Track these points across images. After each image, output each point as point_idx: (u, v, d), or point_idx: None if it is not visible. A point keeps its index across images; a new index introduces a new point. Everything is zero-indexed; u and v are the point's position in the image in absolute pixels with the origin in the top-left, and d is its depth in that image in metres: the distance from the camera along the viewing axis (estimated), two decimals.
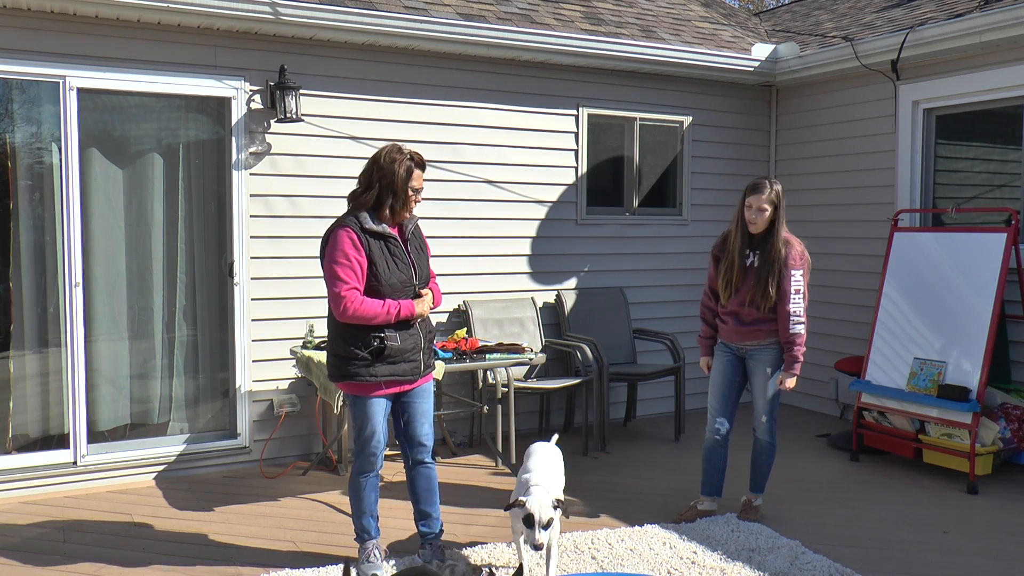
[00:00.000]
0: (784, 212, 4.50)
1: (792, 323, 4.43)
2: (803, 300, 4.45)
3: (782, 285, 4.43)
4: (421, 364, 3.86)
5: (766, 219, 4.45)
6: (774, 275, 4.43)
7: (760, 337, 4.55)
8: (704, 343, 4.83)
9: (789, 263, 4.43)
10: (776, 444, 4.71)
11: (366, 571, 3.85)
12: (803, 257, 4.49)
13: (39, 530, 4.52)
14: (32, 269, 5.17)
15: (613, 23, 6.88)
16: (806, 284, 4.48)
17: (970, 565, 4.15)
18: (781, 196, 4.48)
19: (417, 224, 3.99)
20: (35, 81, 5.04)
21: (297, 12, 5.33)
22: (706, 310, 4.79)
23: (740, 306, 4.53)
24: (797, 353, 4.46)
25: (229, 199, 5.57)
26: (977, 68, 6.05)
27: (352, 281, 3.66)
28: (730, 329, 4.62)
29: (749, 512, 4.73)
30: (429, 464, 3.98)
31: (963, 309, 5.57)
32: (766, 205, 4.43)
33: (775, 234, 4.46)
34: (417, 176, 3.82)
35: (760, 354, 4.58)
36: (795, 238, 4.53)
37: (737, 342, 4.63)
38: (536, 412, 6.65)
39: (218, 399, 5.72)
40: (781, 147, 7.62)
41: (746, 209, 4.48)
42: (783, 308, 4.43)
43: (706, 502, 4.76)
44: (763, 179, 4.50)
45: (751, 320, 4.52)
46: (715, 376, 4.72)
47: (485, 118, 6.35)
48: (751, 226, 4.48)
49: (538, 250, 6.64)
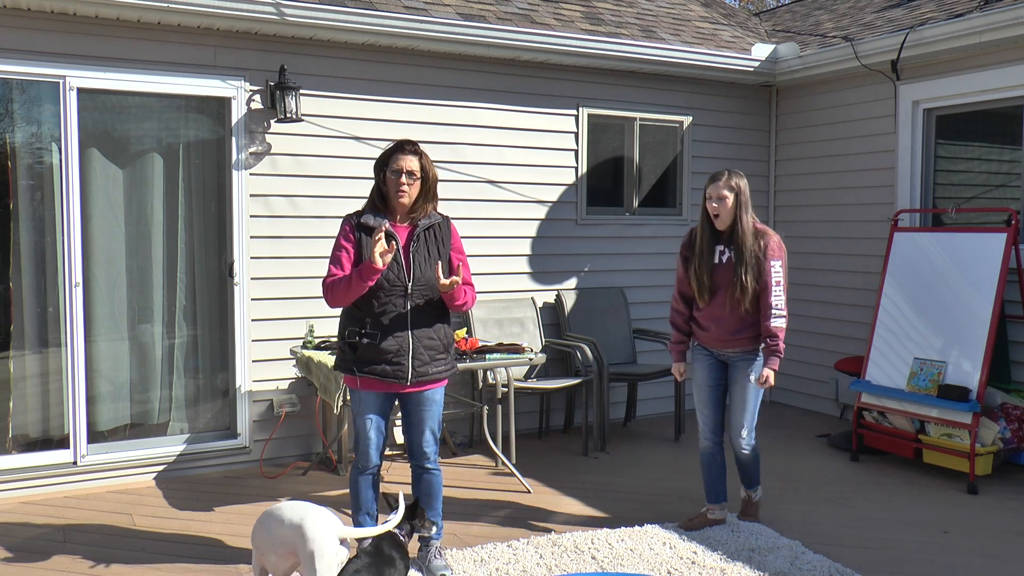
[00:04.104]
0: (747, 202, 4.32)
1: (773, 316, 4.27)
2: (783, 292, 4.31)
3: (762, 277, 4.28)
4: (409, 369, 3.75)
5: (729, 208, 4.29)
6: (749, 266, 4.26)
7: (745, 344, 4.40)
8: (676, 349, 4.64)
9: (769, 254, 4.29)
10: (758, 448, 4.61)
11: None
12: (781, 248, 4.36)
13: (39, 530, 4.52)
14: (32, 269, 5.17)
15: (613, 23, 6.89)
16: (785, 276, 4.35)
17: (970, 565, 4.15)
18: (741, 185, 4.31)
19: (438, 226, 3.85)
20: (35, 81, 5.04)
21: (297, 12, 5.33)
22: (677, 315, 4.60)
23: (722, 309, 4.36)
24: (778, 346, 4.29)
25: (229, 199, 5.57)
26: (977, 68, 6.05)
27: (336, 272, 3.74)
28: (712, 336, 4.44)
29: (750, 509, 4.68)
30: (431, 470, 3.97)
31: (963, 309, 5.57)
32: (725, 192, 4.28)
33: (739, 222, 4.29)
34: (400, 159, 3.72)
35: (743, 361, 4.42)
36: (771, 230, 4.40)
37: (719, 349, 4.47)
38: (536, 412, 6.65)
39: (218, 399, 5.72)
40: (781, 147, 7.62)
41: (707, 201, 4.34)
42: (765, 300, 4.29)
43: (715, 511, 4.60)
44: (724, 170, 4.37)
45: (734, 327, 4.36)
46: (699, 382, 4.56)
47: (485, 118, 6.35)
48: (716, 220, 4.33)
49: (538, 250, 6.64)
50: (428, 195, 3.83)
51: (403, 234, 3.79)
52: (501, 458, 5.60)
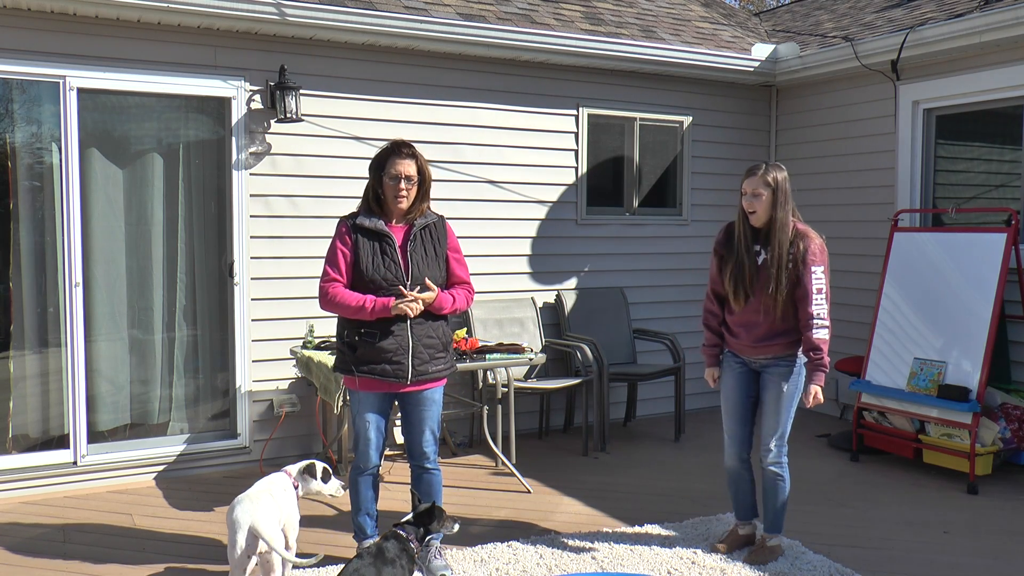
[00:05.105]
0: (786, 198, 3.92)
1: (815, 327, 3.86)
2: (826, 301, 3.88)
3: (802, 283, 3.88)
4: (409, 368, 3.76)
5: (764, 205, 3.90)
6: (784, 271, 3.88)
7: (777, 351, 4.00)
8: (710, 353, 4.24)
9: (809, 259, 3.87)
10: (788, 475, 4.12)
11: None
12: (824, 252, 3.93)
13: (39, 530, 4.52)
14: (32, 269, 5.17)
15: (613, 23, 6.89)
16: (828, 283, 3.91)
17: (970, 565, 4.15)
18: (780, 180, 3.91)
19: (435, 225, 3.87)
20: (35, 81, 5.04)
21: (298, 12, 5.33)
22: (710, 316, 4.20)
23: (755, 315, 3.96)
24: (822, 359, 3.88)
25: (229, 199, 5.57)
26: (977, 68, 6.05)
27: (332, 273, 3.77)
28: (742, 343, 4.06)
29: (762, 553, 4.13)
30: (430, 470, 3.97)
31: (963, 309, 5.57)
32: (761, 189, 3.89)
33: (774, 221, 3.90)
34: (397, 164, 3.72)
35: (775, 367, 4.03)
36: (812, 231, 3.97)
37: (751, 356, 4.08)
38: (536, 412, 6.65)
39: (218, 399, 5.72)
40: (781, 147, 7.62)
41: (742, 197, 3.98)
42: (805, 310, 3.88)
43: (746, 527, 4.29)
44: (761, 163, 4.01)
45: (765, 333, 3.97)
46: (728, 392, 4.17)
47: (485, 118, 6.35)
48: (751, 216, 3.94)
49: (538, 250, 6.64)
50: (425, 195, 3.85)
51: (400, 234, 3.81)
52: (501, 458, 5.60)
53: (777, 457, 4.08)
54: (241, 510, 3.43)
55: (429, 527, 3.56)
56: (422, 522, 3.55)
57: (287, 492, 3.69)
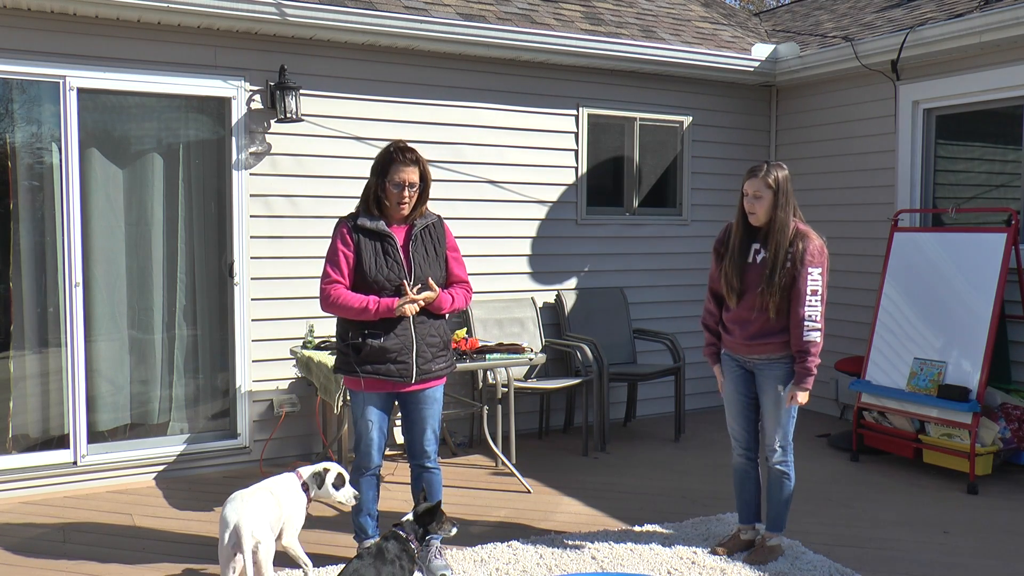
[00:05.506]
0: (788, 199, 3.91)
1: (805, 329, 3.85)
2: (820, 303, 3.87)
3: (797, 284, 3.87)
4: (413, 367, 3.78)
5: (765, 207, 3.90)
6: (781, 270, 3.87)
7: (770, 350, 3.99)
8: (710, 352, 4.24)
9: (807, 259, 3.85)
10: (793, 474, 4.12)
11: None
12: (823, 253, 3.90)
13: (39, 530, 4.52)
14: (32, 269, 5.17)
15: (613, 23, 6.89)
16: (824, 285, 3.90)
17: (970, 565, 4.15)
18: (782, 180, 3.89)
19: (433, 225, 3.89)
20: (35, 81, 5.04)
21: (298, 12, 5.33)
22: (708, 316, 4.22)
23: (748, 312, 3.97)
24: (810, 364, 3.88)
25: (229, 199, 5.57)
26: (977, 68, 6.05)
27: (335, 275, 3.75)
28: (736, 340, 4.06)
29: (762, 552, 4.13)
30: (431, 469, 3.97)
31: (963, 309, 5.57)
32: (762, 191, 3.88)
33: (774, 222, 3.89)
34: (401, 171, 3.72)
35: (770, 370, 4.02)
36: (813, 232, 3.95)
37: (744, 355, 4.07)
38: (536, 412, 6.65)
39: (218, 399, 5.72)
40: (781, 147, 7.62)
41: (744, 197, 3.97)
42: (796, 311, 3.87)
43: (748, 531, 4.27)
44: (763, 162, 3.98)
45: (758, 331, 3.97)
46: (729, 393, 4.18)
47: (485, 118, 6.35)
48: (751, 216, 3.94)
49: (538, 250, 6.64)
50: (425, 198, 3.87)
51: (401, 234, 3.83)
52: (501, 458, 5.60)
53: (783, 456, 4.09)
54: (231, 508, 3.47)
55: (428, 527, 3.55)
56: (422, 522, 3.55)
57: (291, 493, 3.69)
